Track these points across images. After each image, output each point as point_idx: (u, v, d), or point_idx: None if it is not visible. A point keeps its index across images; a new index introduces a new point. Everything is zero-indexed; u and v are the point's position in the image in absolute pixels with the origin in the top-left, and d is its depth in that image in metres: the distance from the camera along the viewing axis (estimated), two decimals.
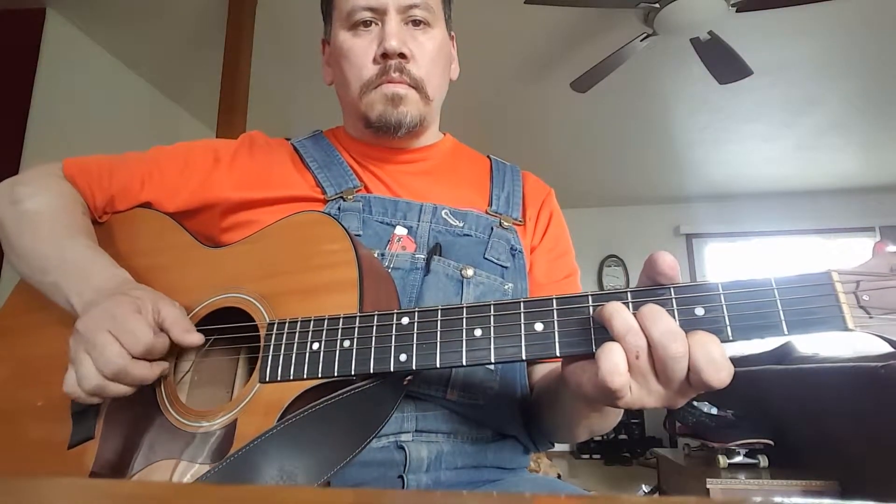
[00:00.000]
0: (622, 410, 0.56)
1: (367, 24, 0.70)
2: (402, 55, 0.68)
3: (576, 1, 2.31)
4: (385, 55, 0.68)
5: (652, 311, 0.41)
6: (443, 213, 0.70)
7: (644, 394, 0.42)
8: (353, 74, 0.71)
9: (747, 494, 2.09)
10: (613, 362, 0.41)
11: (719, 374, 0.40)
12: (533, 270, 0.74)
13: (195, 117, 3.62)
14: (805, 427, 2.24)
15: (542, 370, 0.70)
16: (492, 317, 0.47)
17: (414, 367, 0.48)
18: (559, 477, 2.91)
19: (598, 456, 4.66)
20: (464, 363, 0.46)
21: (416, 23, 0.71)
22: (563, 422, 0.64)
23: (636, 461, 4.50)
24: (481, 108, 3.49)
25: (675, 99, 3.49)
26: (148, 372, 0.53)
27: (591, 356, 0.44)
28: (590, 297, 0.45)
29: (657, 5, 2.33)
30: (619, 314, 0.42)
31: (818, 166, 4.51)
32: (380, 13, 0.69)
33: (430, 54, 0.72)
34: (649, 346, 0.41)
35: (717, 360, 0.40)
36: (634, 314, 0.42)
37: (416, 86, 0.70)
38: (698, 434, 2.44)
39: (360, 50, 0.70)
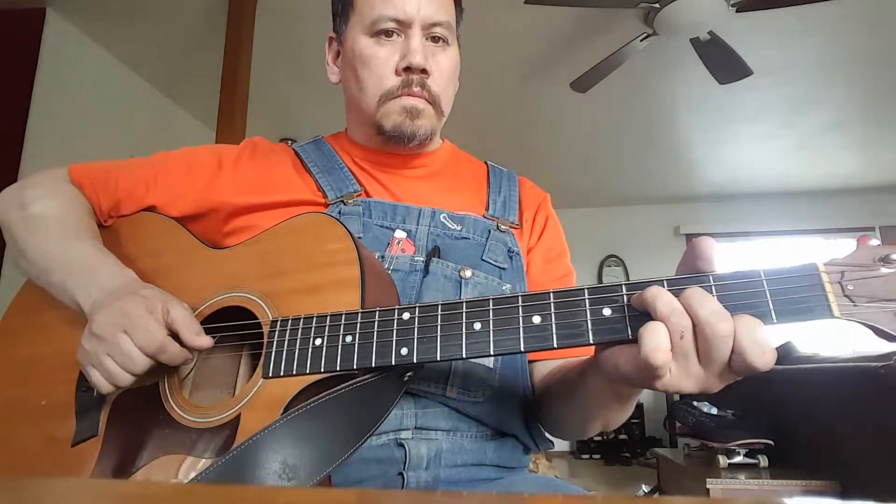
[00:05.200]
0: (633, 405, 0.57)
1: (389, 33, 0.71)
2: (423, 71, 0.70)
3: (576, 1, 2.31)
4: (408, 69, 0.69)
5: (697, 292, 0.42)
6: (441, 216, 0.71)
7: (683, 376, 0.43)
8: (373, 82, 0.71)
9: (747, 494, 2.09)
10: (658, 340, 0.41)
11: (764, 357, 0.40)
12: (529, 270, 0.76)
13: (195, 118, 3.63)
14: (805, 427, 2.24)
15: (546, 367, 0.71)
16: (490, 310, 0.48)
17: (415, 361, 0.48)
18: (557, 478, 2.90)
19: (598, 456, 4.66)
20: (464, 356, 0.47)
21: (436, 39, 0.73)
22: (578, 414, 0.63)
23: (636, 461, 4.50)
24: (481, 109, 3.50)
25: (675, 99, 3.49)
26: (179, 354, 0.56)
27: (588, 346, 0.46)
28: (585, 291, 0.46)
29: (657, 5, 2.34)
30: (663, 296, 0.42)
31: (818, 166, 4.51)
32: (404, 26, 0.70)
33: (447, 72, 0.74)
34: (694, 326, 0.41)
35: (761, 342, 0.40)
36: (677, 297, 0.42)
37: (433, 101, 0.72)
38: (698, 434, 2.44)
39: (382, 59, 0.71)
